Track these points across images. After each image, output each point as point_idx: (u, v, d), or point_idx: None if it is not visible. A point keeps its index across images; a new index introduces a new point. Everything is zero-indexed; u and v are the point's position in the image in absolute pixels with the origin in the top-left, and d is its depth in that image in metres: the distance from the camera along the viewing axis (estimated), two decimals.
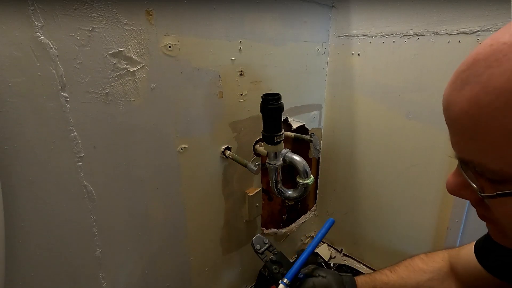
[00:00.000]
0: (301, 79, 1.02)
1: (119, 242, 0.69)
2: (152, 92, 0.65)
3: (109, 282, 0.69)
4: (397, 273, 0.62)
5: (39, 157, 0.53)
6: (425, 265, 0.60)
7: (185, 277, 0.88)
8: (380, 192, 1.10)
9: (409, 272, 0.61)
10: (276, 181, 0.87)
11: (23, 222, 0.54)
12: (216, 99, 0.78)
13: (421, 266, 0.60)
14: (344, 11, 1.01)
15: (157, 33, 0.62)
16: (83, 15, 0.52)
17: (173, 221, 0.79)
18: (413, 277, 0.60)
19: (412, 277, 0.60)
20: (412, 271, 0.60)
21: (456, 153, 0.30)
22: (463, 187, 0.31)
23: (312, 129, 1.14)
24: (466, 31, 0.77)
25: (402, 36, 0.89)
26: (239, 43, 0.78)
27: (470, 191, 0.30)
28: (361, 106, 1.06)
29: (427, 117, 0.90)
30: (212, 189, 0.87)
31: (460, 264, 0.55)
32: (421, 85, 0.89)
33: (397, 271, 0.62)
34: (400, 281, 0.60)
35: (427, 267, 0.60)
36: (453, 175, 0.32)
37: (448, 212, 0.92)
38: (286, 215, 1.21)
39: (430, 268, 0.59)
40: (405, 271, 0.61)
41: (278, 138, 0.77)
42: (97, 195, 0.62)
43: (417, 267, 0.60)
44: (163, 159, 0.72)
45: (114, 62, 0.57)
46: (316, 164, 1.28)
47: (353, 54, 1.03)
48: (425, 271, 0.59)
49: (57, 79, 0.51)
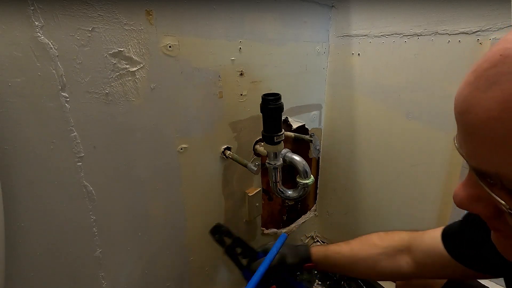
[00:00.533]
0: (301, 79, 1.02)
1: (119, 242, 0.69)
2: (152, 92, 0.65)
3: (109, 282, 0.69)
4: (350, 245, 0.65)
5: (39, 157, 0.53)
6: (380, 241, 0.62)
7: (185, 277, 0.88)
8: (380, 192, 1.10)
9: (362, 245, 0.63)
10: (276, 181, 0.87)
11: (23, 222, 0.54)
12: (216, 99, 0.78)
13: (375, 241, 0.62)
14: (344, 11, 1.01)
15: (157, 33, 0.62)
16: (83, 15, 0.52)
17: (173, 221, 0.79)
18: (364, 250, 0.62)
19: (364, 250, 0.62)
20: (365, 245, 0.63)
21: (471, 164, 0.26)
22: (476, 201, 0.27)
23: (312, 129, 1.14)
24: (466, 31, 0.77)
25: (402, 36, 0.89)
26: (239, 43, 0.78)
27: (484, 204, 0.27)
28: (361, 106, 1.06)
29: (427, 117, 0.90)
30: (212, 189, 0.87)
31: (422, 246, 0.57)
32: (421, 85, 0.89)
33: (351, 243, 0.65)
34: (351, 252, 0.63)
35: (381, 243, 0.61)
36: (463, 187, 0.28)
37: (448, 212, 0.92)
38: (286, 215, 1.21)
39: (384, 244, 0.61)
40: (358, 244, 0.64)
41: (278, 138, 0.77)
42: (97, 195, 0.62)
43: (371, 241, 0.63)
44: (163, 159, 0.72)
45: (114, 62, 0.57)
46: (316, 164, 1.28)
47: (353, 54, 1.03)
48: (378, 247, 0.61)
49: (57, 79, 0.51)
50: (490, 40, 0.74)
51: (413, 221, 1.02)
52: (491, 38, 0.74)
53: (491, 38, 0.74)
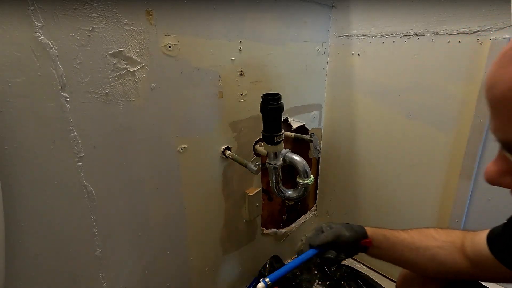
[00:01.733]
0: (301, 79, 1.02)
1: (119, 242, 0.69)
2: (152, 92, 0.65)
3: (109, 282, 0.69)
4: (408, 233, 0.62)
5: (39, 157, 0.53)
6: (438, 235, 0.60)
7: (185, 277, 0.88)
8: (380, 192, 1.10)
9: (420, 235, 0.61)
10: (276, 181, 0.87)
11: (23, 222, 0.54)
12: (216, 99, 0.78)
13: (433, 234, 0.60)
14: (344, 11, 1.01)
15: (157, 33, 0.62)
16: (83, 15, 0.52)
17: (173, 221, 0.79)
18: (423, 240, 0.60)
19: (423, 240, 0.60)
20: (423, 235, 0.60)
21: (499, 137, 0.28)
22: (505, 175, 0.29)
23: (312, 129, 1.14)
24: (466, 31, 0.77)
25: (402, 36, 0.89)
26: (239, 43, 0.78)
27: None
28: (361, 106, 1.06)
29: (427, 117, 0.90)
30: (212, 189, 0.87)
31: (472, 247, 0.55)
32: (421, 85, 0.89)
33: (409, 232, 0.62)
34: (411, 239, 0.60)
35: (439, 236, 0.60)
36: (493, 163, 0.30)
37: (448, 212, 0.92)
38: (286, 215, 1.21)
39: (442, 238, 0.59)
40: (417, 233, 0.61)
41: (278, 138, 0.77)
42: (97, 195, 0.62)
43: (429, 234, 0.61)
44: (163, 159, 0.72)
45: (114, 62, 0.57)
46: (316, 164, 1.28)
47: (353, 54, 1.02)
48: (436, 239, 0.59)
49: (57, 79, 0.51)
50: (490, 40, 0.74)
51: (413, 221, 1.02)
52: (491, 38, 0.74)
53: (491, 38, 0.74)
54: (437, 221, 0.96)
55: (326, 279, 1.13)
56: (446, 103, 0.84)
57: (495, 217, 0.87)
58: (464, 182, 0.86)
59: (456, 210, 0.90)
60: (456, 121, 0.84)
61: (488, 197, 0.84)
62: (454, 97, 0.83)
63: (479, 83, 0.77)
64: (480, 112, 0.78)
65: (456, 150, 0.86)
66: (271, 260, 1.12)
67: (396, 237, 0.61)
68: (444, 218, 0.94)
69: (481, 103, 0.78)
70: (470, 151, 0.82)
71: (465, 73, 0.80)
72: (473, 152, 0.82)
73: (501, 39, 0.72)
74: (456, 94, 0.82)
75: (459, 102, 0.82)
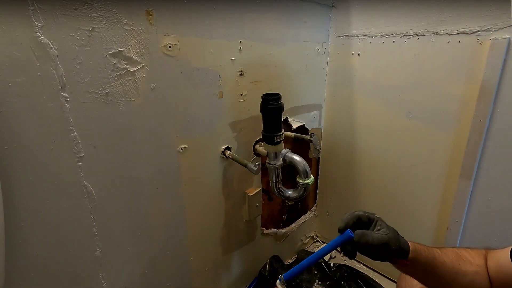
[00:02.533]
0: (301, 79, 1.02)
1: (119, 242, 0.69)
2: (152, 92, 0.65)
3: (109, 282, 0.69)
4: (447, 255, 0.60)
5: (39, 157, 0.53)
6: (473, 259, 0.60)
7: (185, 277, 0.88)
8: (380, 192, 1.10)
9: (458, 259, 0.59)
10: (276, 181, 0.87)
11: (23, 222, 0.54)
12: (216, 99, 0.78)
13: (469, 258, 0.60)
14: (344, 11, 1.01)
15: (157, 33, 0.62)
16: (83, 15, 0.52)
17: (173, 221, 0.79)
18: (462, 265, 0.58)
19: (462, 264, 0.59)
20: (461, 259, 0.59)
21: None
22: None
23: (312, 129, 1.14)
24: (466, 31, 0.77)
25: (402, 36, 0.89)
26: (239, 43, 0.78)
27: None
28: (361, 106, 1.06)
29: (427, 117, 0.90)
30: (212, 189, 0.87)
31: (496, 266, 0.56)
32: (421, 85, 0.89)
33: (447, 253, 0.60)
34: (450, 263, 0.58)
35: (473, 260, 0.59)
36: None
37: (448, 212, 0.92)
38: (286, 215, 1.21)
39: (476, 262, 0.59)
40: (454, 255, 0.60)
41: (278, 138, 0.77)
42: (97, 195, 0.62)
43: (465, 257, 0.60)
44: (163, 159, 0.72)
45: (114, 62, 0.57)
46: (316, 164, 1.28)
47: (353, 54, 1.03)
48: (472, 264, 0.59)
49: (57, 79, 0.51)
50: (490, 40, 0.74)
51: (413, 221, 1.02)
52: (491, 38, 0.74)
53: (491, 38, 0.74)
54: (437, 221, 0.96)
55: (326, 279, 1.13)
56: (446, 103, 0.84)
57: (495, 217, 0.87)
58: (464, 182, 0.86)
59: (456, 210, 0.90)
60: (456, 121, 0.84)
61: (488, 197, 0.84)
62: (454, 97, 0.83)
63: (479, 83, 0.77)
64: (480, 112, 0.78)
65: (456, 150, 0.86)
66: (271, 260, 1.12)
67: (436, 259, 0.59)
68: (444, 218, 0.94)
69: (481, 103, 0.78)
70: (470, 151, 0.82)
71: (465, 73, 0.80)
72: (473, 152, 0.82)
73: (501, 39, 0.72)
74: (456, 94, 0.82)
75: (459, 102, 0.82)
